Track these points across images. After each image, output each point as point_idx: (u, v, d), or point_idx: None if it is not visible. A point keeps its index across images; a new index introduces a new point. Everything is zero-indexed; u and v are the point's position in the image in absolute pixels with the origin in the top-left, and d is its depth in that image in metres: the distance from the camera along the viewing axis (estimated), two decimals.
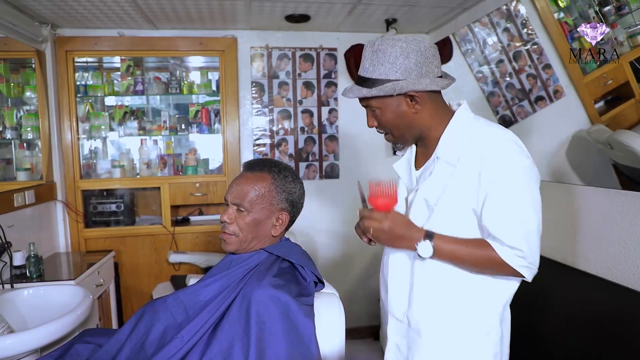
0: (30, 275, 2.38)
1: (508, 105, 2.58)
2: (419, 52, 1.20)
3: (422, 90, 1.23)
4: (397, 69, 1.20)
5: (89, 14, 2.84)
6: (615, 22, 1.83)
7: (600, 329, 1.88)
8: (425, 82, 1.21)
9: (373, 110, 1.29)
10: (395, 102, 1.25)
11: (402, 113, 1.26)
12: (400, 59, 1.20)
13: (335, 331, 1.42)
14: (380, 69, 1.22)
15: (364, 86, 1.25)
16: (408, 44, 1.20)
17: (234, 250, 1.47)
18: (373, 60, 1.23)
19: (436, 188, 1.27)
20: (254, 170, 1.49)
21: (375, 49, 1.23)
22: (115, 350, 1.34)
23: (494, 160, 1.18)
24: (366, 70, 1.25)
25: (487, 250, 1.21)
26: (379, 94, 1.22)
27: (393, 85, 1.20)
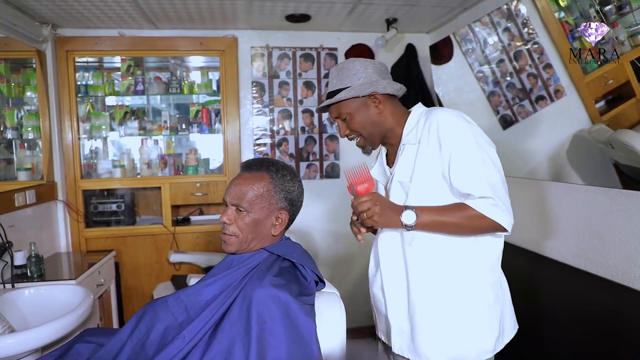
0: (31, 275, 2.38)
1: (509, 105, 2.57)
2: (375, 65, 1.48)
3: (382, 92, 1.46)
4: (359, 77, 1.45)
5: (90, 14, 2.85)
6: (616, 21, 1.82)
7: (601, 328, 1.88)
8: (383, 84, 1.45)
9: (344, 118, 1.49)
10: (361, 103, 1.47)
11: (369, 114, 1.48)
12: (361, 69, 1.46)
13: (336, 330, 1.42)
14: (345, 80, 1.46)
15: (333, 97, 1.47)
16: (365, 61, 1.48)
17: (234, 250, 1.47)
18: (339, 75, 1.48)
19: (406, 168, 1.44)
20: (252, 170, 1.49)
21: (340, 67, 1.49)
22: (116, 350, 1.34)
23: (449, 129, 1.36)
24: (334, 85, 1.49)
25: (464, 208, 1.33)
26: (349, 95, 1.44)
27: (358, 87, 1.44)
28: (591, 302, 1.96)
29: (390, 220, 1.36)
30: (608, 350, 1.84)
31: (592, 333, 1.92)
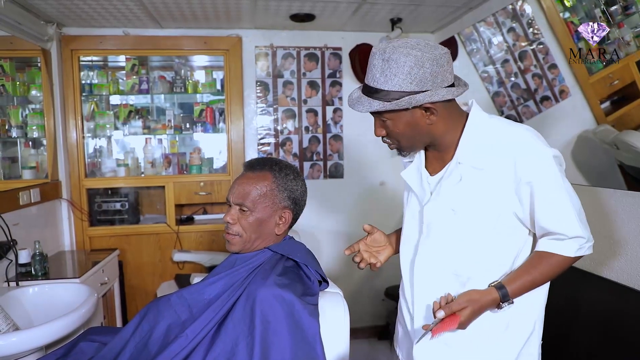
0: (35, 273, 2.39)
1: (513, 105, 2.57)
2: (434, 60, 1.13)
3: (437, 101, 1.17)
4: (412, 80, 1.13)
5: (95, 12, 2.85)
6: (622, 21, 1.82)
7: (606, 330, 1.87)
8: (441, 93, 1.15)
9: (383, 120, 1.24)
10: (409, 114, 1.19)
11: (416, 124, 1.22)
12: (415, 69, 1.12)
13: (340, 331, 1.42)
14: (393, 81, 1.14)
15: (374, 97, 1.18)
16: (423, 53, 1.12)
17: (238, 250, 1.47)
18: (385, 71, 1.15)
19: (466, 196, 1.23)
20: (255, 169, 1.49)
21: (387, 57, 1.14)
22: (119, 348, 1.34)
23: (530, 161, 1.17)
24: (377, 80, 1.17)
25: (549, 259, 1.22)
26: (395, 107, 1.16)
27: (409, 99, 1.13)
28: (596, 304, 1.96)
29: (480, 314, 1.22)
30: (613, 353, 1.84)
31: (597, 335, 1.91)
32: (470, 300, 1.19)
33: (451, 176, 1.25)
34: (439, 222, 1.28)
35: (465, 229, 1.25)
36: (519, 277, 1.22)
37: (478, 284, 1.25)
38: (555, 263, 1.22)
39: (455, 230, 1.26)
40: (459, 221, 1.25)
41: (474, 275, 1.27)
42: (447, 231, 1.28)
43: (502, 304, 1.21)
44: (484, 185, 1.21)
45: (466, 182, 1.23)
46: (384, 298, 3.45)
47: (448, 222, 1.27)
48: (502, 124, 1.25)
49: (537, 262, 1.23)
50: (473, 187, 1.22)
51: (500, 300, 1.20)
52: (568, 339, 2.08)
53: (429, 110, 1.19)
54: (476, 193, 1.22)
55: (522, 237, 1.28)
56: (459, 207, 1.24)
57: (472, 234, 1.25)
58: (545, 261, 1.22)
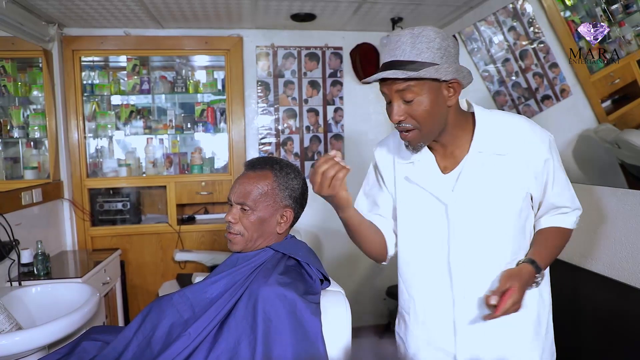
0: (37, 273, 2.40)
1: (514, 104, 2.57)
2: (454, 44, 1.21)
3: (461, 81, 1.23)
4: (442, 54, 1.17)
5: (96, 13, 2.86)
6: (623, 20, 1.82)
7: (607, 328, 1.88)
8: (464, 72, 1.22)
9: (407, 102, 1.20)
10: (436, 89, 1.20)
11: (439, 103, 1.22)
12: (444, 44, 1.17)
13: (342, 329, 1.42)
14: (425, 53, 1.16)
15: (407, 69, 1.16)
16: (447, 35, 1.19)
17: (240, 249, 1.47)
18: (416, 44, 1.16)
19: (490, 181, 1.28)
20: (256, 169, 1.49)
21: (416, 33, 1.17)
22: (122, 347, 1.35)
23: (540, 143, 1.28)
24: (407, 54, 1.17)
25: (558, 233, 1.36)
26: (432, 75, 1.16)
27: (446, 68, 1.16)
28: (598, 302, 1.96)
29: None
30: (614, 350, 1.84)
31: (599, 333, 1.92)
32: (511, 277, 1.22)
33: (473, 167, 1.28)
34: (468, 215, 1.29)
35: (495, 215, 1.29)
36: (541, 251, 1.32)
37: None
38: (562, 235, 1.37)
39: (485, 219, 1.29)
40: (488, 209, 1.28)
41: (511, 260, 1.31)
42: (478, 222, 1.29)
43: (537, 276, 1.28)
44: (506, 170, 1.27)
45: (489, 170, 1.28)
46: (385, 297, 3.45)
47: (478, 213, 1.29)
48: (504, 115, 1.36)
49: (550, 236, 1.36)
50: (497, 173, 1.28)
51: (535, 272, 1.27)
52: (570, 338, 2.08)
53: (452, 87, 1.22)
54: (500, 178, 1.28)
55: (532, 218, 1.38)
56: (486, 195, 1.28)
57: (502, 219, 1.29)
58: (556, 234, 1.36)
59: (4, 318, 1.87)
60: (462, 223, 1.30)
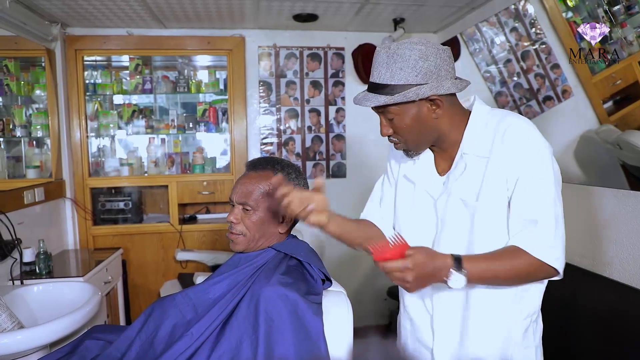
0: (39, 272, 2.40)
1: (516, 105, 2.57)
2: (437, 54, 1.17)
3: (443, 94, 1.19)
4: (418, 72, 1.15)
5: (99, 13, 2.87)
6: (625, 21, 1.82)
7: (608, 329, 1.88)
8: (446, 85, 1.17)
9: (390, 118, 1.23)
10: (415, 107, 1.20)
11: (422, 119, 1.21)
12: (420, 62, 1.15)
13: (343, 329, 1.43)
14: (399, 74, 1.16)
15: (381, 93, 1.19)
16: (426, 47, 1.16)
17: (242, 249, 1.48)
18: (390, 65, 1.16)
19: (471, 185, 1.24)
20: (258, 169, 1.50)
21: (392, 52, 1.17)
22: (124, 347, 1.35)
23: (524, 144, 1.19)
24: (382, 76, 1.18)
25: (520, 256, 1.16)
26: (402, 100, 1.16)
27: (416, 90, 1.15)
28: (598, 303, 1.96)
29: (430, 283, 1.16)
30: (615, 351, 1.84)
31: (599, 334, 1.92)
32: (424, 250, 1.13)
33: (457, 168, 1.27)
34: (453, 214, 1.28)
35: (478, 217, 1.24)
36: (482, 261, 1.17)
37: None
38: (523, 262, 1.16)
39: (469, 220, 1.26)
40: (471, 210, 1.25)
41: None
42: (462, 222, 1.27)
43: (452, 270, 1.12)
44: (488, 172, 1.22)
45: (471, 171, 1.24)
46: (386, 297, 3.45)
47: (462, 213, 1.27)
48: (503, 114, 1.26)
49: (508, 253, 1.18)
50: (478, 175, 1.23)
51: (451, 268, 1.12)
52: (570, 339, 2.08)
53: (434, 103, 1.19)
54: (482, 180, 1.23)
55: None
56: (468, 197, 1.25)
57: (486, 221, 1.24)
58: (515, 256, 1.17)
59: (6, 317, 1.88)
60: (448, 221, 1.29)
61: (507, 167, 1.19)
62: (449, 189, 1.28)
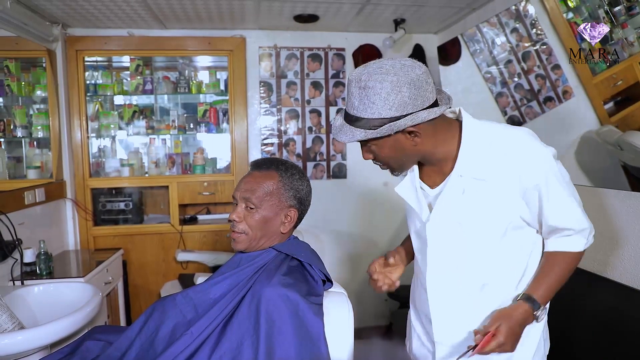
0: (40, 272, 2.40)
1: (517, 106, 2.57)
2: (411, 83, 1.10)
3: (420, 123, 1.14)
4: (391, 106, 1.10)
5: (99, 13, 2.87)
6: (626, 22, 1.82)
7: (610, 331, 1.87)
8: (422, 116, 1.12)
9: (369, 146, 1.22)
10: (392, 139, 1.17)
11: (401, 148, 1.20)
12: (392, 95, 1.10)
13: (344, 330, 1.43)
14: (372, 109, 1.11)
15: (356, 125, 1.15)
16: (398, 77, 1.10)
17: (243, 248, 1.48)
18: (362, 99, 1.12)
19: (470, 207, 1.23)
20: (262, 168, 1.50)
21: (363, 85, 1.12)
22: (125, 347, 1.35)
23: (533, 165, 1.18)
24: (356, 109, 1.14)
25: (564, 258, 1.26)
26: (376, 136, 1.14)
27: (390, 126, 1.11)
28: (600, 304, 1.95)
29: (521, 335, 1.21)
30: (616, 353, 1.84)
31: (600, 336, 1.91)
32: (500, 317, 1.19)
33: (453, 189, 1.24)
34: (445, 235, 1.28)
35: (473, 240, 1.25)
36: (542, 282, 1.25)
37: (495, 289, 1.28)
38: (569, 260, 1.26)
39: (463, 241, 1.26)
40: (466, 233, 1.25)
41: (489, 281, 1.28)
42: (455, 243, 1.28)
43: (536, 313, 1.22)
44: (488, 195, 1.21)
45: (469, 195, 1.22)
46: (387, 298, 3.45)
47: (455, 235, 1.27)
48: (497, 130, 1.24)
49: (553, 262, 1.26)
50: (477, 199, 1.21)
51: (532, 310, 1.21)
52: (572, 341, 2.08)
53: (412, 133, 1.16)
54: (481, 204, 1.22)
55: (531, 236, 1.29)
56: (464, 220, 1.24)
57: (481, 243, 1.25)
58: (561, 260, 1.26)
59: (7, 317, 1.88)
60: (439, 242, 1.30)
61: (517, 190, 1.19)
62: (442, 211, 1.26)
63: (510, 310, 1.21)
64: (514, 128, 1.26)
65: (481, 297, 1.29)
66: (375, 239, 3.58)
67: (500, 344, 1.14)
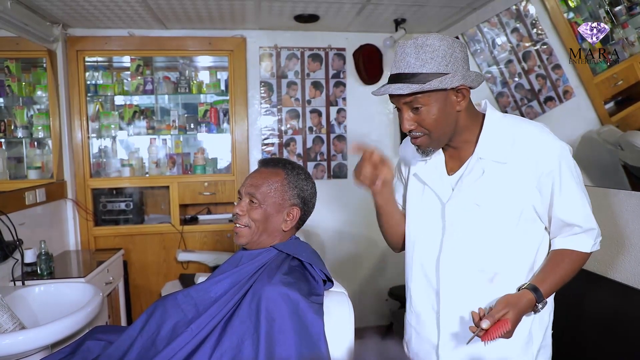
0: (41, 273, 2.40)
1: (517, 106, 2.57)
2: (461, 48, 1.21)
3: (469, 86, 1.23)
4: (448, 62, 1.18)
5: (100, 13, 2.87)
6: (627, 22, 1.82)
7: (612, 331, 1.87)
8: (472, 76, 1.22)
9: (416, 108, 1.22)
10: (443, 97, 1.21)
11: (448, 109, 1.23)
12: (449, 52, 1.18)
13: (345, 329, 1.43)
14: (430, 64, 1.17)
15: (410, 82, 1.19)
16: (452, 40, 1.20)
17: (245, 242, 1.49)
18: (420, 55, 1.18)
19: (488, 189, 1.27)
20: (269, 166, 1.54)
21: (420, 43, 1.18)
22: (126, 346, 1.35)
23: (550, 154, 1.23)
24: (412, 66, 1.18)
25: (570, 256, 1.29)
26: (438, 86, 1.17)
27: (450, 77, 1.17)
28: (601, 305, 1.95)
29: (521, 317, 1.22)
30: (619, 354, 1.84)
31: (603, 336, 1.91)
32: (509, 304, 1.19)
33: (473, 171, 1.29)
34: (463, 217, 1.30)
35: (489, 223, 1.28)
36: (547, 277, 1.27)
37: (504, 280, 1.29)
38: (575, 258, 1.29)
39: (480, 224, 1.29)
40: (483, 215, 1.28)
41: (500, 271, 1.30)
42: (471, 226, 1.30)
43: (538, 305, 1.24)
44: (506, 178, 1.25)
45: (489, 176, 1.27)
46: (388, 298, 3.45)
47: (472, 217, 1.29)
48: (517, 121, 1.31)
49: (560, 259, 1.29)
50: (496, 181, 1.26)
51: (535, 301, 1.23)
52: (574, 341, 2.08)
53: (461, 93, 1.22)
54: (499, 187, 1.26)
55: (541, 231, 1.32)
56: (483, 201, 1.27)
57: (497, 227, 1.28)
58: (567, 258, 1.29)
59: (8, 317, 1.88)
60: (456, 225, 1.32)
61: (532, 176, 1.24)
62: (462, 192, 1.30)
63: (517, 298, 1.22)
64: (532, 122, 1.33)
65: (491, 288, 1.30)
66: (375, 239, 3.58)
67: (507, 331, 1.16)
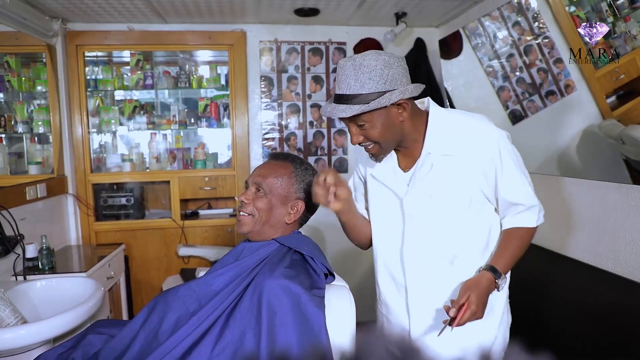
0: (42, 268, 2.41)
1: (518, 100, 2.56)
2: (398, 63, 1.28)
3: (408, 98, 1.29)
4: (385, 80, 1.24)
5: (99, 8, 2.86)
6: (629, 15, 1.81)
7: (612, 324, 1.88)
8: (410, 89, 1.28)
9: (360, 125, 1.32)
10: (385, 113, 1.30)
11: (391, 123, 1.32)
12: (386, 70, 1.24)
13: (346, 323, 1.43)
14: (369, 84, 1.24)
15: (352, 103, 1.26)
16: (389, 57, 1.26)
17: (248, 231, 1.51)
18: (359, 76, 1.24)
19: (439, 181, 1.38)
20: (278, 159, 1.58)
21: (358, 64, 1.25)
22: (128, 340, 1.36)
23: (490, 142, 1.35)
24: (352, 87, 1.26)
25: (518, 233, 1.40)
26: (377, 107, 1.25)
27: (388, 96, 1.24)
28: (602, 298, 1.96)
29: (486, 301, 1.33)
30: (618, 346, 1.84)
31: (603, 329, 1.92)
32: (469, 288, 1.30)
33: (423, 166, 1.39)
34: (419, 209, 1.41)
35: (444, 211, 1.39)
36: (502, 255, 1.39)
37: (463, 261, 1.42)
38: (523, 234, 1.41)
39: (435, 214, 1.40)
40: (437, 205, 1.39)
41: (459, 253, 1.42)
42: (428, 216, 1.41)
43: (498, 281, 1.34)
44: (454, 169, 1.37)
45: (437, 169, 1.38)
46: None
47: (428, 208, 1.40)
48: (458, 115, 1.43)
49: (511, 237, 1.41)
50: (445, 173, 1.37)
51: (494, 278, 1.33)
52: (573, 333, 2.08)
53: (401, 106, 1.30)
54: (449, 177, 1.37)
55: (491, 212, 1.44)
56: (435, 193, 1.38)
57: (451, 214, 1.39)
58: (516, 235, 1.41)
59: (10, 312, 1.89)
60: (415, 216, 1.42)
61: (477, 164, 1.35)
62: (416, 186, 1.41)
63: (476, 279, 1.34)
64: (473, 114, 1.44)
65: (452, 270, 1.42)
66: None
67: (473, 312, 1.26)
